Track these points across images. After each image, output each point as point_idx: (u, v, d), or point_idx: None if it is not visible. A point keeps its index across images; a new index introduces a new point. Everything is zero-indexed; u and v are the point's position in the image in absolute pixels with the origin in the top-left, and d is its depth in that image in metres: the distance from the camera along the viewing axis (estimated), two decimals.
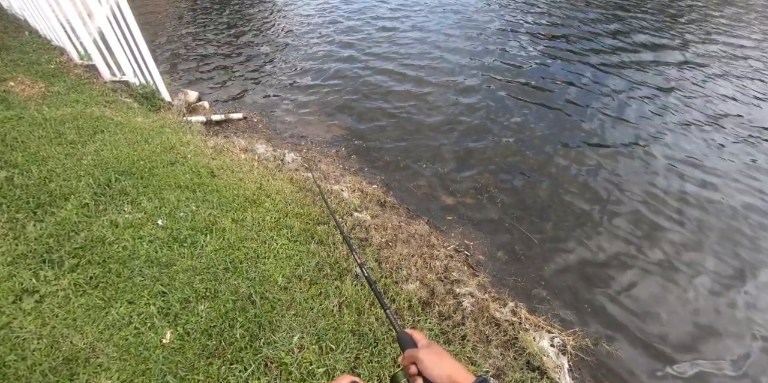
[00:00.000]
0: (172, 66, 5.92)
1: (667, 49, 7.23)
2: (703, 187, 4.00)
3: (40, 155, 2.66)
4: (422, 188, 3.82)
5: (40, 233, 2.09)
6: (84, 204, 2.34)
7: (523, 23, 8.09)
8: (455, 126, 4.75)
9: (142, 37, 3.84)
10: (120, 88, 4.14)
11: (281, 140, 4.36)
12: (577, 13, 8.75)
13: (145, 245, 2.17)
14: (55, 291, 1.85)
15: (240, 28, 7.43)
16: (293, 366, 1.78)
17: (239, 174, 3.09)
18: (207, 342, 1.80)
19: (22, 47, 4.34)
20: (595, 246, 3.30)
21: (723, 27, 8.43)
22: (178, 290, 1.99)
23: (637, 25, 8.20)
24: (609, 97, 5.50)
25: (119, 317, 1.81)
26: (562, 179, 4.00)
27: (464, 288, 2.65)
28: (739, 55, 7.16)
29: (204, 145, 3.52)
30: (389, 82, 5.65)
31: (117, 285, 1.94)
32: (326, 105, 5.11)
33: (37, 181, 2.43)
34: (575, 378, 2.36)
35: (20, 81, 3.59)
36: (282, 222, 2.63)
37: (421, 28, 7.66)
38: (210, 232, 2.37)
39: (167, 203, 2.51)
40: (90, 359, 1.63)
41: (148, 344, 1.73)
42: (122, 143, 3.02)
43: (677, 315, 2.84)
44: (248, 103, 5.12)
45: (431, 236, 3.15)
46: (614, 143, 4.60)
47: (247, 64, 6.07)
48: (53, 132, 2.94)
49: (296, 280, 2.22)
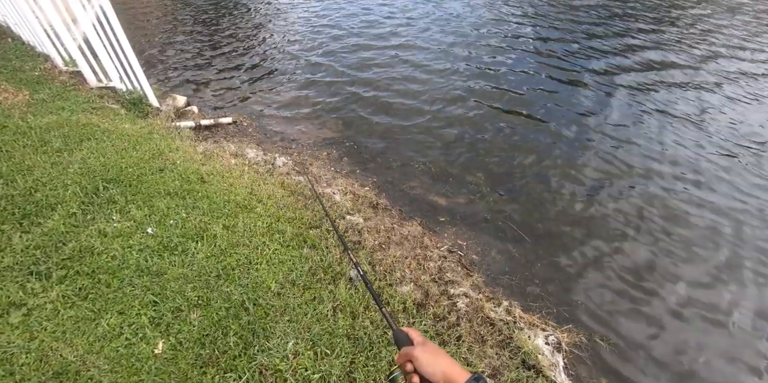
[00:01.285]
0: (160, 71, 5.86)
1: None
2: (697, 187, 4.06)
3: (26, 165, 2.61)
4: (414, 189, 3.82)
5: (27, 245, 2.06)
6: (71, 214, 2.31)
7: (519, 26, 8.14)
8: (447, 128, 4.76)
9: (128, 42, 3.79)
10: (107, 94, 4.09)
11: (271, 143, 4.34)
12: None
13: (135, 255, 2.15)
14: (43, 304, 1.82)
15: (230, 32, 7.38)
16: (288, 372, 1.77)
17: (230, 179, 3.06)
18: (200, 351, 1.78)
19: (5, 54, 4.27)
20: (587, 243, 3.33)
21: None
22: (170, 299, 1.97)
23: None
24: (596, 101, 5.56)
25: (110, 328, 1.78)
26: (553, 178, 4.02)
27: (458, 289, 2.65)
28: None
29: (193, 150, 3.49)
30: (380, 85, 5.64)
31: (107, 296, 1.91)
32: (317, 108, 5.09)
33: (23, 191, 2.39)
34: (570, 375, 2.37)
35: (3, 89, 3.53)
36: (274, 227, 2.62)
37: (417, 30, 7.67)
38: (201, 239, 2.35)
39: (157, 210, 2.48)
40: (81, 372, 1.60)
41: (140, 355, 1.71)
42: (110, 150, 2.98)
43: (672, 310, 2.87)
44: (238, 107, 5.09)
45: (424, 237, 3.16)
46: (606, 142, 4.64)
47: (237, 68, 6.03)
48: (38, 141, 2.90)
49: (289, 285, 2.21)
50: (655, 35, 8.02)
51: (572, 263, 3.16)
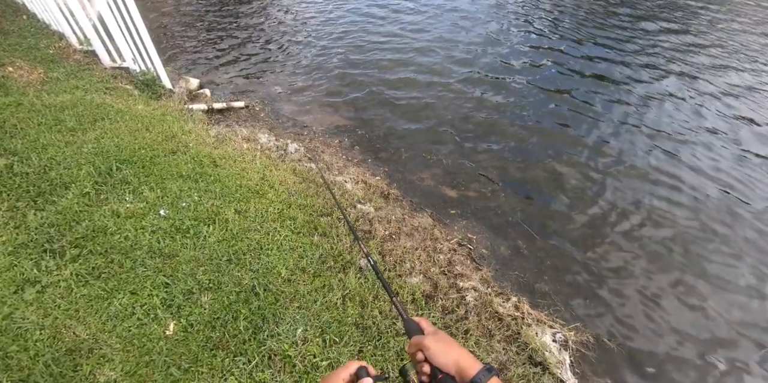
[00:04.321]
0: (174, 52, 5.81)
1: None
2: (725, 193, 3.97)
3: (40, 143, 2.62)
4: (425, 181, 3.79)
5: (41, 223, 2.07)
6: (85, 193, 2.31)
7: (533, 17, 7.93)
8: (461, 119, 4.68)
9: (142, 22, 3.75)
10: (120, 74, 4.07)
11: (283, 129, 4.31)
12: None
13: (148, 236, 2.15)
14: (57, 282, 1.83)
15: (244, 16, 7.28)
16: (297, 358, 1.77)
17: (242, 164, 3.05)
18: (210, 333, 1.79)
19: (21, 32, 4.25)
20: (597, 242, 3.29)
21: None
22: (181, 281, 1.97)
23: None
24: (627, 104, 5.40)
25: (122, 308, 1.80)
26: (568, 177, 3.95)
27: (467, 282, 2.63)
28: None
29: (206, 134, 3.47)
30: (394, 73, 5.55)
31: (119, 276, 1.92)
32: (329, 95, 5.03)
33: (37, 169, 2.40)
34: (576, 373, 2.36)
35: (19, 66, 3.52)
36: (285, 213, 2.61)
37: (429, 15, 7.51)
38: (213, 223, 2.35)
39: (169, 192, 2.48)
40: (93, 350, 1.62)
41: (152, 335, 1.72)
42: (123, 131, 2.98)
43: (680, 310, 2.84)
44: (250, 91, 5.04)
45: (434, 229, 3.13)
46: (621, 144, 4.54)
47: (250, 53, 5.96)
48: (53, 119, 2.90)
49: (300, 272, 2.21)
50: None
51: (581, 262, 3.12)
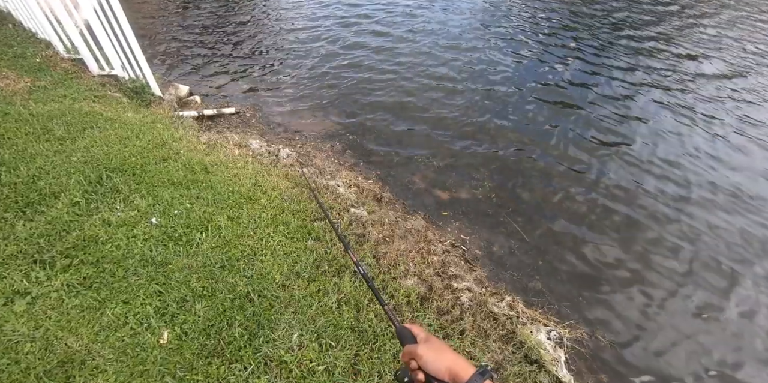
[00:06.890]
0: (163, 60, 5.79)
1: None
2: (687, 186, 4.04)
3: (28, 152, 2.59)
4: (417, 183, 3.81)
5: (30, 233, 2.04)
6: (75, 202, 2.29)
7: (526, 20, 8.04)
8: (451, 122, 4.72)
9: (130, 29, 3.73)
10: (109, 82, 4.05)
11: (275, 135, 4.31)
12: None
13: (140, 244, 2.14)
14: (48, 292, 1.81)
15: (233, 23, 7.28)
16: (293, 364, 1.77)
17: (234, 170, 3.04)
18: (205, 341, 1.78)
19: (6, 40, 4.21)
20: (588, 239, 3.33)
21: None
22: (175, 289, 1.96)
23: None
24: (618, 99, 5.48)
25: (115, 318, 1.78)
26: (557, 176, 4.00)
27: (462, 283, 2.65)
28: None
29: (197, 140, 3.46)
30: (383, 77, 5.58)
31: (111, 285, 1.90)
32: (320, 100, 5.04)
33: (26, 179, 2.37)
34: (572, 370, 2.38)
35: (5, 75, 3.49)
36: (278, 219, 2.60)
37: (423, 20, 7.57)
38: (205, 230, 2.34)
39: (161, 200, 2.47)
40: (86, 361, 1.60)
41: (145, 345, 1.71)
42: (113, 139, 2.95)
43: (673, 307, 2.88)
44: (240, 97, 5.04)
45: (428, 231, 3.15)
46: (614, 142, 4.60)
47: (240, 59, 5.96)
48: (41, 128, 2.87)
49: (294, 277, 2.20)
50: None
51: (573, 260, 3.16)
